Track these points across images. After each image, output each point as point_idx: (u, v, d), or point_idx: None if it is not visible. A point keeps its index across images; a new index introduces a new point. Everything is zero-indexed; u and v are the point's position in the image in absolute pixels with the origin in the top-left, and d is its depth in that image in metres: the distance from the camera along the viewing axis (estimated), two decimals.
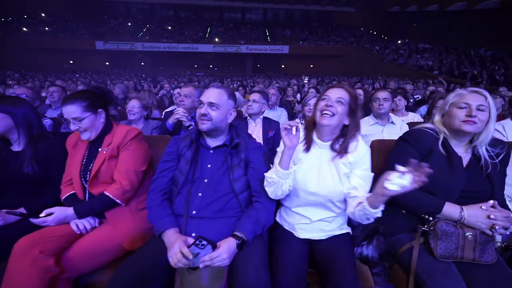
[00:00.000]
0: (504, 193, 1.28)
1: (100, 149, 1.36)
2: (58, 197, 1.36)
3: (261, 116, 2.32)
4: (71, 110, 1.25)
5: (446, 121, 1.20)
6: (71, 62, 22.44)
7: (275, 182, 1.13)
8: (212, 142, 1.31)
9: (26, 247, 0.99)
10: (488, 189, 1.13)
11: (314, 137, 1.24)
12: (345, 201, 1.20)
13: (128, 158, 1.34)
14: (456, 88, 7.18)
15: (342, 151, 1.16)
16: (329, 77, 16.01)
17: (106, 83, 7.98)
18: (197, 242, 0.99)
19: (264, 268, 1.01)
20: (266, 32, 28.46)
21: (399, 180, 0.88)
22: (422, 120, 2.70)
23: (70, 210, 1.20)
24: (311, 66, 25.48)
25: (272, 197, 1.21)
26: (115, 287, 0.92)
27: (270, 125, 2.30)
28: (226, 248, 1.02)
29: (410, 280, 1.08)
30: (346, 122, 1.17)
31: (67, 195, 1.32)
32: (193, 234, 1.11)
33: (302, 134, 1.27)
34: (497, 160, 1.14)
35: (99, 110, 1.35)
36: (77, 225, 1.19)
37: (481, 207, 1.05)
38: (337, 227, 1.26)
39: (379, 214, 1.05)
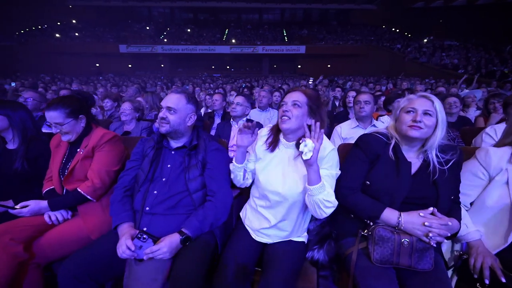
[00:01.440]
0: (461, 201, 1.26)
1: (78, 150, 1.50)
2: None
3: (244, 119, 2.38)
4: (54, 116, 1.39)
5: (398, 125, 1.20)
6: (97, 65, 23.85)
7: (233, 171, 1.33)
8: (174, 144, 1.40)
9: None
10: (433, 195, 1.11)
11: (281, 137, 1.29)
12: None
13: (102, 158, 1.47)
14: (482, 87, 6.75)
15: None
16: (344, 77, 15.65)
17: (119, 85, 8.42)
18: (139, 236, 1.08)
19: (200, 264, 1.08)
20: (283, 32, 28.39)
21: (306, 147, 1.03)
22: None
23: (44, 203, 1.35)
24: (328, 66, 25.02)
25: (235, 184, 1.34)
26: (65, 271, 1.03)
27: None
28: (168, 242, 1.11)
29: (349, 283, 1.10)
30: (309, 122, 1.18)
31: (47, 189, 1.48)
32: (145, 229, 1.21)
33: (265, 132, 1.33)
34: (445, 167, 1.12)
35: (80, 116, 1.48)
36: (49, 216, 1.34)
37: (419, 214, 1.05)
38: (294, 234, 1.28)
39: (329, 200, 1.09)
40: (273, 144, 1.27)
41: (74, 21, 27.17)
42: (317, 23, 30.14)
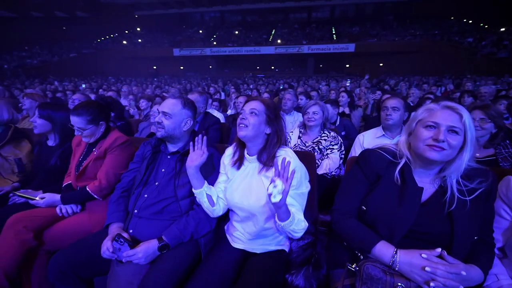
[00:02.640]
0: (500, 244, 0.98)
1: (94, 150, 1.64)
2: None
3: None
4: (77, 121, 1.52)
5: (412, 142, 0.98)
6: (154, 67, 26.42)
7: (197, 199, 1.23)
8: (172, 148, 1.42)
9: (14, 222, 1.31)
10: (445, 232, 0.87)
11: (245, 152, 1.24)
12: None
13: (111, 161, 1.57)
14: None
15: (267, 163, 1.12)
16: (397, 77, 14.17)
17: (163, 87, 9.10)
18: (116, 239, 1.10)
19: (171, 275, 1.05)
20: (332, 30, 27.14)
21: (275, 189, 0.91)
22: None
23: (57, 197, 1.50)
24: (381, 64, 23.02)
25: (209, 214, 1.25)
26: (52, 263, 1.12)
27: None
28: (144, 248, 1.11)
29: None
30: (267, 131, 1.16)
31: (65, 184, 1.65)
32: (130, 231, 1.24)
33: (231, 151, 1.29)
34: (468, 198, 0.88)
35: (100, 122, 1.61)
36: (60, 209, 1.48)
37: (421, 255, 0.83)
38: (272, 243, 1.20)
39: (298, 228, 1.03)
40: (238, 162, 1.22)
41: (138, 29, 30.61)
42: (370, 19, 27.96)
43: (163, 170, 1.37)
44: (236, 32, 29.10)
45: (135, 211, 1.28)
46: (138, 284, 1.08)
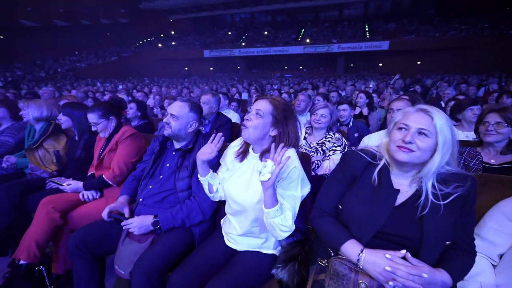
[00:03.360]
0: (482, 253, 0.95)
1: (109, 143, 1.86)
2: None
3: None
4: (91, 117, 1.79)
5: (389, 144, 1.00)
6: (186, 69, 27.68)
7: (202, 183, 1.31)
8: (177, 145, 1.57)
9: (45, 203, 1.56)
10: (415, 236, 0.88)
11: (250, 147, 1.27)
12: None
13: (121, 151, 1.78)
14: None
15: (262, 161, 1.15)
16: (435, 76, 13.12)
17: (188, 88, 9.54)
18: (109, 215, 1.35)
19: (162, 256, 1.19)
20: (365, 28, 25.95)
21: (265, 168, 0.96)
22: None
23: (81, 184, 1.73)
24: (418, 63, 21.48)
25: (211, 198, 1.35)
26: (71, 240, 1.32)
27: None
28: (139, 219, 1.30)
29: None
30: (273, 133, 1.15)
31: (89, 173, 1.89)
32: (126, 215, 1.43)
33: (238, 143, 1.33)
34: (442, 202, 0.87)
35: (110, 117, 1.84)
36: (83, 195, 1.71)
37: (385, 255, 0.85)
38: (262, 245, 1.23)
39: (284, 224, 1.03)
40: (242, 154, 1.25)
41: (172, 32, 32.32)
42: (408, 14, 26.15)
43: (167, 165, 1.52)
44: (265, 33, 29.22)
45: (140, 199, 1.45)
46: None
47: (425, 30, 22.29)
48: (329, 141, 2.04)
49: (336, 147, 2.00)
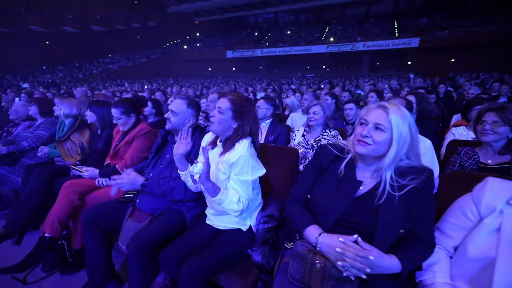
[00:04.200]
0: (440, 245, 0.99)
1: (126, 137, 2.09)
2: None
3: (267, 121, 2.48)
4: (114, 112, 2.03)
5: None
6: (209, 69, 28.49)
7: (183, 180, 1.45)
8: (176, 138, 1.74)
9: (67, 186, 1.81)
10: (370, 223, 0.94)
11: (218, 138, 1.44)
12: None
13: (136, 146, 2.00)
14: None
15: (225, 150, 1.31)
16: (469, 74, 12.19)
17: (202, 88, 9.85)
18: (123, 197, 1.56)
19: (154, 234, 1.35)
20: (394, 24, 24.76)
21: (196, 169, 1.14)
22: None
23: (97, 172, 1.97)
24: (452, 60, 20.05)
25: (193, 190, 1.49)
26: (84, 216, 1.54)
27: (274, 130, 2.43)
28: (132, 177, 1.46)
29: None
30: (234, 125, 1.31)
31: (106, 163, 2.14)
32: (137, 201, 1.60)
33: (210, 136, 1.50)
34: (397, 193, 0.93)
35: (131, 114, 2.06)
36: (98, 181, 1.95)
37: (338, 238, 0.92)
38: (233, 221, 1.38)
39: (229, 208, 1.21)
40: (212, 144, 1.43)
41: (198, 34, 33.40)
42: (442, 8, 24.43)
43: (167, 156, 1.70)
44: (288, 32, 29.04)
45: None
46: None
47: (460, 25, 20.73)
48: (325, 138, 2.10)
49: None
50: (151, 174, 1.65)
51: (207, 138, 1.51)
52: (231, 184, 1.26)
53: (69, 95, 5.81)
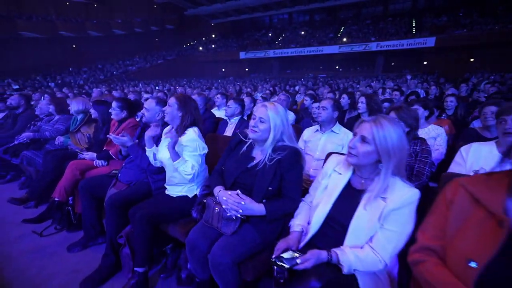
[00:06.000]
0: (306, 200, 1.41)
1: (118, 128, 2.66)
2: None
3: (235, 118, 2.97)
4: (113, 104, 2.59)
5: None
6: (223, 70, 29.29)
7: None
8: None
9: (71, 164, 2.40)
10: (250, 183, 1.40)
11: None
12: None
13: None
14: None
15: (178, 134, 1.78)
16: (488, 75, 11.88)
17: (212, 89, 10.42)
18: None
19: (125, 196, 1.88)
20: (411, 23, 24.15)
21: (165, 142, 1.63)
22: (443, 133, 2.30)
23: (95, 155, 2.55)
24: (471, 60, 19.31)
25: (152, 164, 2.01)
26: (79, 185, 2.10)
27: (241, 125, 2.90)
28: (126, 139, 2.05)
29: None
30: (180, 114, 1.80)
31: (104, 149, 2.72)
32: (119, 175, 2.15)
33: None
34: (268, 163, 1.38)
35: (123, 110, 2.63)
36: (96, 162, 2.53)
37: (228, 193, 1.38)
38: (183, 191, 1.87)
39: (184, 170, 1.68)
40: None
41: (213, 36, 34.37)
42: (464, 5, 23.45)
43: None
44: (302, 33, 29.08)
45: (124, 163, 2.18)
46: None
47: (481, 23, 19.89)
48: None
49: None
50: (131, 156, 2.18)
51: (167, 129, 2.01)
52: (186, 156, 1.74)
53: (87, 95, 6.61)
